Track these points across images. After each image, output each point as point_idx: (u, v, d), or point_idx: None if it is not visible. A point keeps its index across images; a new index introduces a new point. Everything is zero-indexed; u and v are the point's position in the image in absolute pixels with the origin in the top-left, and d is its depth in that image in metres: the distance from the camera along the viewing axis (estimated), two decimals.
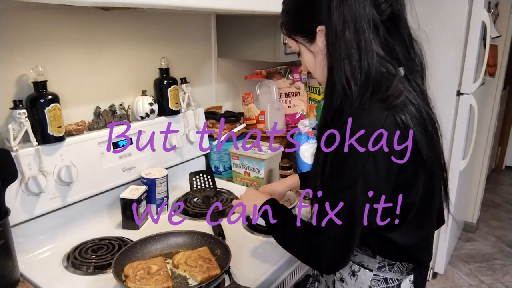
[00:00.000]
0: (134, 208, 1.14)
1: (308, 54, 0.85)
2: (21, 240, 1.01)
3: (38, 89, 1.03)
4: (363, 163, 0.72)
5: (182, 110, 1.45)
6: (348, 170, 0.74)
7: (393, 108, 0.73)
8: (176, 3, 0.96)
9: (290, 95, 1.88)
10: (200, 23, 1.59)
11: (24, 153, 1.00)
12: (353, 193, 0.73)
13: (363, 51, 0.74)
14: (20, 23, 1.04)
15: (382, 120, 0.72)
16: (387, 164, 0.73)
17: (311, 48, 0.83)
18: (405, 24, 0.81)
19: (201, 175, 1.40)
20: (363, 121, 0.73)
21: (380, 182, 0.74)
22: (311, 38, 0.82)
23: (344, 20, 0.74)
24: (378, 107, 0.73)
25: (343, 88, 0.75)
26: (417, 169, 0.77)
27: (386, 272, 0.86)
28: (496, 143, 3.85)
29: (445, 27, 2.06)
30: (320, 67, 0.83)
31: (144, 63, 1.38)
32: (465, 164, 2.29)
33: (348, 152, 0.73)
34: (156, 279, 0.88)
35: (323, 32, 0.78)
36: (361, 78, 0.74)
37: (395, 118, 0.72)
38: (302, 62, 0.90)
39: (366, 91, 0.74)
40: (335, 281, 0.92)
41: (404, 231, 0.81)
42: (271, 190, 1.15)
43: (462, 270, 2.56)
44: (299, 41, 0.84)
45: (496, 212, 3.35)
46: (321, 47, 0.80)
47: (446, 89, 2.13)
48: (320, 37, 0.80)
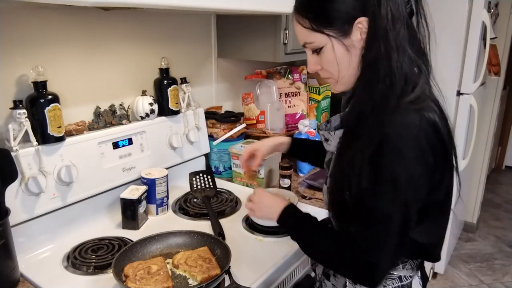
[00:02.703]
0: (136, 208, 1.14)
1: (341, 49, 0.78)
2: (21, 240, 1.01)
3: (38, 89, 1.03)
4: (410, 167, 0.70)
5: (182, 110, 1.45)
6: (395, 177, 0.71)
7: (423, 109, 0.72)
8: (176, 3, 0.96)
9: (290, 95, 1.88)
10: (200, 23, 1.59)
11: (24, 153, 1.00)
12: (406, 203, 0.72)
13: (400, 48, 0.73)
14: (20, 23, 1.04)
15: (417, 121, 0.71)
16: (426, 164, 0.72)
17: (345, 42, 0.77)
18: (424, 20, 0.80)
19: (201, 175, 1.40)
20: (401, 124, 0.71)
21: (423, 185, 0.73)
22: (346, 31, 0.76)
23: (392, 14, 0.72)
24: (409, 109, 0.72)
25: (384, 86, 0.73)
26: (445, 167, 0.77)
27: (400, 270, 0.85)
28: (496, 143, 3.85)
29: (445, 27, 2.06)
30: (352, 63, 0.79)
31: (144, 63, 1.38)
32: (465, 164, 2.29)
33: (392, 158, 0.71)
34: (156, 279, 0.88)
35: (363, 25, 0.75)
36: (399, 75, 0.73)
37: (428, 119, 0.72)
38: (320, 60, 0.82)
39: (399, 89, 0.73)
40: (346, 283, 0.88)
41: (424, 228, 0.81)
42: (253, 150, 1.15)
43: (462, 270, 2.56)
44: (331, 35, 0.77)
45: (496, 212, 3.35)
46: (355, 41, 0.77)
47: (446, 89, 2.09)
48: (357, 30, 0.76)
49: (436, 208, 0.81)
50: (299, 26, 0.81)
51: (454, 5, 2.03)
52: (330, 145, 0.89)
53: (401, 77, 0.73)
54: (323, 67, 0.83)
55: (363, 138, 0.74)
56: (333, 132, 0.87)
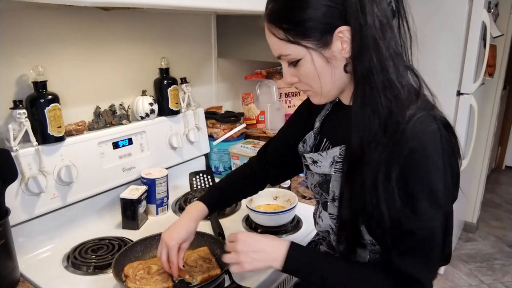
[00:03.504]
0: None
1: (320, 61, 0.70)
2: (21, 240, 1.01)
3: (38, 89, 1.03)
4: (444, 175, 0.66)
5: (182, 110, 1.45)
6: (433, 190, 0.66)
7: (434, 115, 0.69)
8: (176, 3, 0.96)
9: (290, 95, 1.88)
10: (200, 23, 1.59)
11: (24, 153, 1.00)
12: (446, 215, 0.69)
13: (394, 55, 0.67)
14: (20, 23, 1.04)
15: (436, 127, 0.67)
16: (454, 170, 0.70)
17: (325, 53, 0.70)
18: (406, 21, 0.74)
19: (201, 175, 1.40)
20: (423, 133, 0.66)
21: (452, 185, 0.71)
22: (325, 41, 0.69)
23: (380, 20, 0.65)
24: (424, 116, 0.67)
25: (388, 98, 0.67)
26: (457, 166, 0.74)
27: None
28: (496, 143, 3.85)
29: (445, 27, 2.06)
30: (333, 76, 0.72)
31: (144, 63, 1.38)
32: (465, 164, 2.29)
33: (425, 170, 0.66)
34: (156, 279, 0.88)
35: (345, 34, 0.67)
36: (402, 85, 0.68)
37: (442, 121, 0.69)
38: (298, 72, 0.74)
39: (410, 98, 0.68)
40: None
41: None
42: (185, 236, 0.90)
43: (462, 270, 2.56)
44: (309, 46, 0.69)
45: (496, 212, 3.35)
46: (336, 52, 0.69)
47: (446, 89, 2.13)
48: (337, 40, 0.68)
49: None
50: (272, 37, 0.72)
51: (454, 5, 2.03)
52: (321, 166, 0.82)
53: (404, 87, 0.68)
54: (301, 80, 0.75)
55: (382, 157, 0.67)
56: (324, 152, 0.81)
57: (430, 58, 2.12)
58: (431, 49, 2.10)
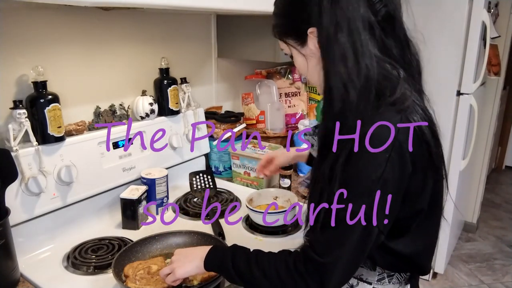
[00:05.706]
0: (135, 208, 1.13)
1: (300, 58, 0.81)
2: (21, 240, 1.01)
3: (38, 89, 1.03)
4: (381, 168, 0.67)
5: (182, 110, 1.45)
6: (364, 177, 0.68)
7: (404, 110, 0.70)
8: (176, 3, 0.96)
9: (290, 95, 1.88)
10: (200, 23, 1.59)
11: (24, 153, 1.00)
12: (371, 202, 0.68)
13: (359, 53, 0.70)
14: (20, 23, 1.04)
15: (397, 122, 0.68)
16: (403, 168, 0.69)
17: (302, 51, 0.80)
18: (400, 25, 0.78)
19: (201, 175, 1.40)
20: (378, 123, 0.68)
21: (396, 188, 0.70)
22: (302, 40, 0.78)
23: (337, 21, 0.70)
24: (390, 109, 0.70)
25: (341, 92, 0.71)
26: (427, 172, 0.74)
27: (386, 284, 0.83)
28: (496, 143, 3.85)
29: (445, 27, 2.06)
30: (315, 71, 0.79)
31: (144, 63, 1.38)
32: (465, 164, 2.29)
33: (363, 158, 0.68)
34: (156, 279, 0.89)
35: (314, 35, 0.75)
36: (360, 81, 0.70)
37: (409, 120, 0.70)
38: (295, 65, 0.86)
39: (369, 93, 0.70)
40: None
41: (408, 239, 0.78)
42: (271, 157, 1.20)
43: (462, 270, 2.56)
44: (291, 44, 0.81)
45: (496, 212, 3.35)
46: (313, 50, 0.77)
47: (446, 89, 2.13)
48: (311, 39, 0.76)
49: (420, 217, 0.77)
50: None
51: (454, 5, 2.03)
52: (315, 150, 0.89)
53: (370, 81, 0.70)
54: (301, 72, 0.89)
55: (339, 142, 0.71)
56: (316, 137, 0.88)
57: (430, 58, 2.11)
58: (431, 49, 2.10)
